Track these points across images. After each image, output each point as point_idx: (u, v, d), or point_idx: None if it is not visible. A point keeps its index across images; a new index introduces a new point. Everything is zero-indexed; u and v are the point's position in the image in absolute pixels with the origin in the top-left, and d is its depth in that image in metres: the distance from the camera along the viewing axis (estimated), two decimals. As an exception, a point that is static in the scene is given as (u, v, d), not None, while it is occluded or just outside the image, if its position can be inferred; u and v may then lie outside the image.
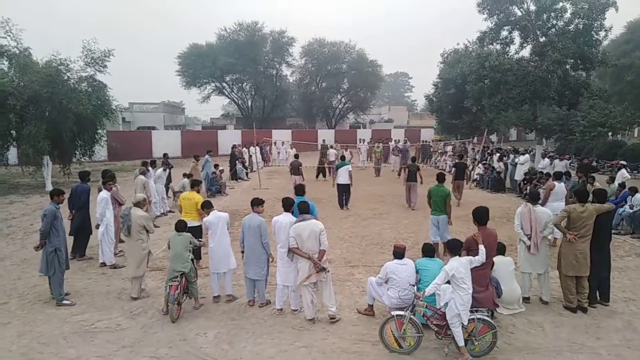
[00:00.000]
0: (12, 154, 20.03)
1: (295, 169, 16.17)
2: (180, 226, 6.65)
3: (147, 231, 7.05)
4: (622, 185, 12.34)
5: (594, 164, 20.89)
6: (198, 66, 44.02)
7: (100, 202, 8.42)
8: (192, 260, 6.55)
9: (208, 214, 7.02)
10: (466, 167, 15.57)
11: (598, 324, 6.10)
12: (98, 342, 5.61)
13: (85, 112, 17.90)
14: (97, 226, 8.47)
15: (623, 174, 14.31)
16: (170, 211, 13.36)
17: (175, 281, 6.13)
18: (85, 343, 5.58)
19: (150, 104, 45.62)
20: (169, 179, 14.85)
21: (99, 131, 20.82)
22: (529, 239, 6.70)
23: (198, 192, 8.50)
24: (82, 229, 8.90)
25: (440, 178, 9.55)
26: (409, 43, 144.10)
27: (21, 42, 17.76)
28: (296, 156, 16.77)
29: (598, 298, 6.67)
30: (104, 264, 8.41)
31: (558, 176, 10.75)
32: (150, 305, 6.67)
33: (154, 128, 38.06)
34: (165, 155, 16.35)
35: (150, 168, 12.91)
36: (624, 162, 18.87)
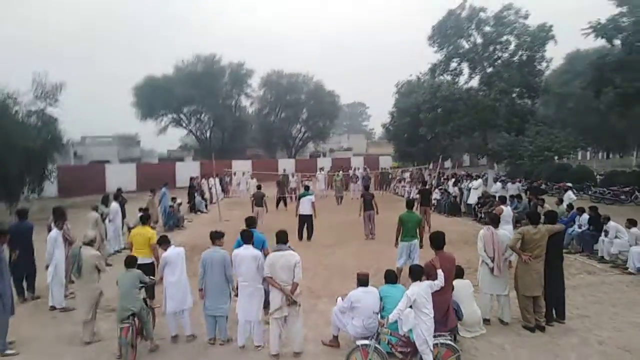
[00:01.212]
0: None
1: (259, 200, 15.72)
2: (130, 262, 6.28)
3: (99, 270, 6.72)
4: (570, 206, 13.00)
5: (543, 186, 21.94)
6: (154, 98, 43.25)
7: (50, 241, 7.98)
8: (144, 299, 6.23)
9: (165, 250, 6.77)
10: (430, 193, 15.93)
11: (556, 341, 6.28)
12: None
13: (34, 146, 17.16)
14: (47, 267, 8.00)
15: (570, 196, 15.11)
16: (124, 248, 12.83)
17: (126, 323, 5.76)
18: (31, 395, 5.17)
19: (104, 137, 44.34)
20: (123, 214, 14.31)
21: (49, 166, 19.96)
22: (492, 261, 6.88)
23: (152, 227, 8.22)
24: (30, 270, 8.45)
25: (410, 204, 9.79)
26: (366, 73, 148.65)
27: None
28: (259, 187, 16.41)
29: (554, 316, 6.89)
30: (53, 308, 7.90)
31: (504, 200, 11.23)
32: (104, 349, 6.29)
33: (107, 162, 36.88)
34: (118, 189, 15.81)
35: (112, 203, 12.61)
36: (569, 184, 19.95)
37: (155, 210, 15.89)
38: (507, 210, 10.38)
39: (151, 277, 6.59)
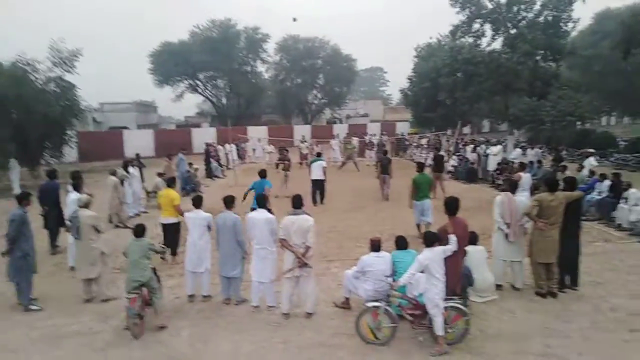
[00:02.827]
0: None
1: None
2: (139, 231, 6.16)
3: (98, 231, 6.90)
4: (591, 173, 12.70)
5: (563, 152, 21.44)
6: (170, 64, 43.17)
7: (69, 203, 8.21)
8: (153, 269, 6.13)
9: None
10: (443, 159, 15.77)
11: (568, 308, 6.27)
12: (68, 346, 5.48)
13: (53, 113, 17.41)
14: (67, 229, 8.25)
15: (591, 162, 14.74)
16: (144, 212, 13.12)
17: (134, 293, 5.66)
18: (54, 348, 5.44)
19: (122, 103, 44.58)
20: (141, 179, 14.57)
21: (68, 132, 20.28)
22: (508, 227, 6.81)
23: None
24: (57, 224, 9.05)
25: (421, 167, 10.56)
26: (384, 37, 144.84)
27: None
28: (283, 150, 15.97)
29: (568, 283, 6.85)
30: (73, 268, 8.18)
31: (523, 166, 11.03)
32: (123, 308, 6.51)
33: (126, 128, 37.27)
34: (137, 155, 16.05)
35: (130, 168, 12.80)
36: (592, 150, 19.43)
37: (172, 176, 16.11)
38: (525, 177, 10.22)
39: (162, 245, 6.50)
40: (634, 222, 9.99)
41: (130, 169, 12.92)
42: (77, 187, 8.52)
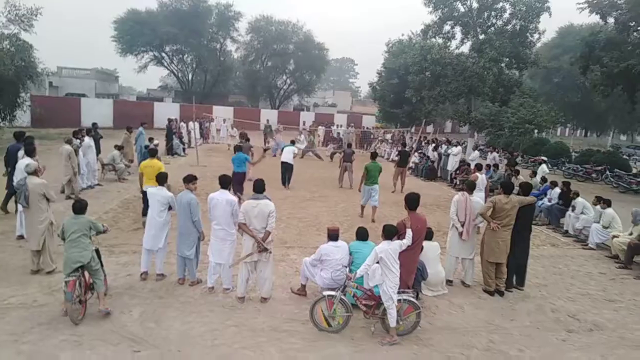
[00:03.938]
0: None
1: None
2: (79, 207, 5.57)
3: (48, 199, 6.58)
4: (543, 179, 13.32)
5: (518, 159, 22.35)
6: (136, 33, 41.40)
7: (19, 169, 7.76)
8: (96, 250, 5.59)
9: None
10: (409, 155, 16.10)
11: (513, 306, 6.58)
12: (10, 319, 5.21)
13: (7, 73, 16.35)
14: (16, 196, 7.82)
15: (544, 169, 15.48)
16: (98, 184, 12.64)
17: (73, 275, 5.15)
18: (-6, 320, 5.17)
19: (81, 69, 42.50)
20: (98, 150, 13.99)
21: (22, 95, 19.15)
22: (462, 225, 7.04)
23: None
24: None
25: (374, 156, 11.90)
26: (357, 29, 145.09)
27: None
28: (246, 138, 14.52)
29: (514, 283, 7.18)
30: (21, 237, 7.79)
31: (480, 167, 11.45)
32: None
33: (84, 95, 35.60)
34: (94, 124, 15.37)
35: (85, 137, 12.30)
36: (544, 158, 20.39)
37: (130, 149, 15.56)
38: (481, 178, 10.59)
39: (104, 224, 5.92)
40: (580, 230, 10.58)
41: (86, 139, 12.36)
42: (30, 153, 8.07)
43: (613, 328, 6.08)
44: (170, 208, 6.57)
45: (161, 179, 6.69)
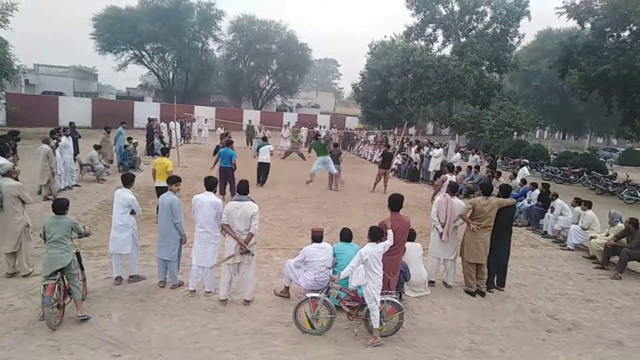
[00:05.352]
0: None
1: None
2: (59, 207, 5.38)
3: (23, 202, 6.38)
4: (523, 181, 13.55)
5: (498, 161, 22.69)
6: (115, 31, 40.67)
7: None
8: (76, 253, 5.46)
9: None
10: (392, 157, 16.15)
11: (493, 307, 6.66)
12: (-16, 324, 5.06)
13: (-21, 69, 15.90)
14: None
15: (524, 171, 15.72)
16: (76, 185, 12.37)
17: (52, 279, 5.01)
18: (-34, 326, 5.00)
19: (59, 67, 41.56)
20: (76, 150, 13.70)
21: (-4, 92, 18.66)
22: (443, 226, 7.10)
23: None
24: None
25: (316, 137, 15.19)
26: (340, 30, 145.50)
27: None
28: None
29: (495, 283, 7.28)
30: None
31: (452, 168, 11.53)
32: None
33: (61, 94, 34.88)
34: (71, 124, 15.05)
35: (63, 136, 12.02)
36: (526, 161, 20.75)
37: (110, 149, 15.29)
38: (451, 179, 10.65)
39: (85, 227, 5.79)
40: (558, 231, 10.79)
41: (63, 138, 12.08)
42: (3, 153, 7.85)
43: (590, 327, 6.21)
44: (133, 212, 6.35)
45: (126, 180, 6.50)
